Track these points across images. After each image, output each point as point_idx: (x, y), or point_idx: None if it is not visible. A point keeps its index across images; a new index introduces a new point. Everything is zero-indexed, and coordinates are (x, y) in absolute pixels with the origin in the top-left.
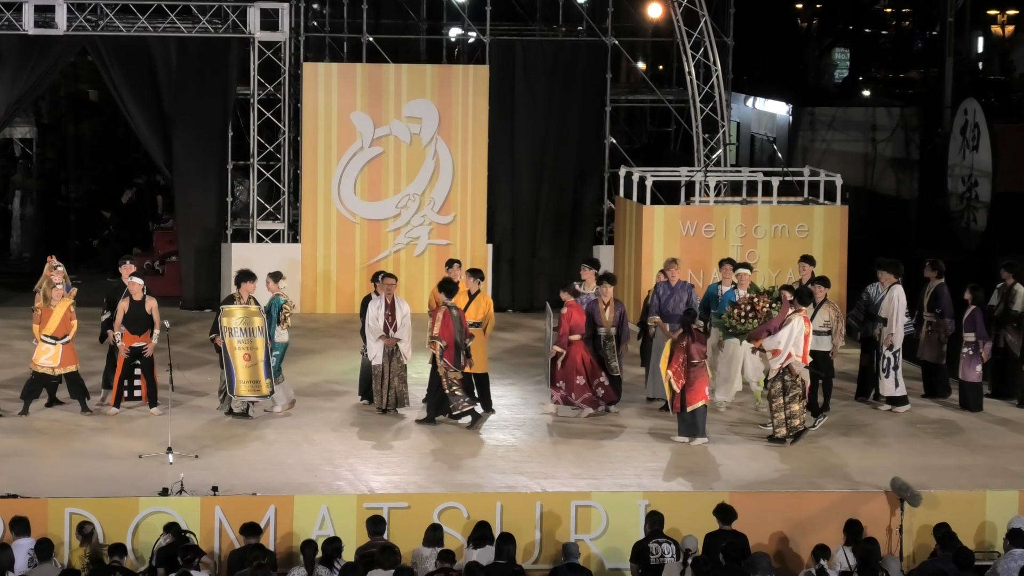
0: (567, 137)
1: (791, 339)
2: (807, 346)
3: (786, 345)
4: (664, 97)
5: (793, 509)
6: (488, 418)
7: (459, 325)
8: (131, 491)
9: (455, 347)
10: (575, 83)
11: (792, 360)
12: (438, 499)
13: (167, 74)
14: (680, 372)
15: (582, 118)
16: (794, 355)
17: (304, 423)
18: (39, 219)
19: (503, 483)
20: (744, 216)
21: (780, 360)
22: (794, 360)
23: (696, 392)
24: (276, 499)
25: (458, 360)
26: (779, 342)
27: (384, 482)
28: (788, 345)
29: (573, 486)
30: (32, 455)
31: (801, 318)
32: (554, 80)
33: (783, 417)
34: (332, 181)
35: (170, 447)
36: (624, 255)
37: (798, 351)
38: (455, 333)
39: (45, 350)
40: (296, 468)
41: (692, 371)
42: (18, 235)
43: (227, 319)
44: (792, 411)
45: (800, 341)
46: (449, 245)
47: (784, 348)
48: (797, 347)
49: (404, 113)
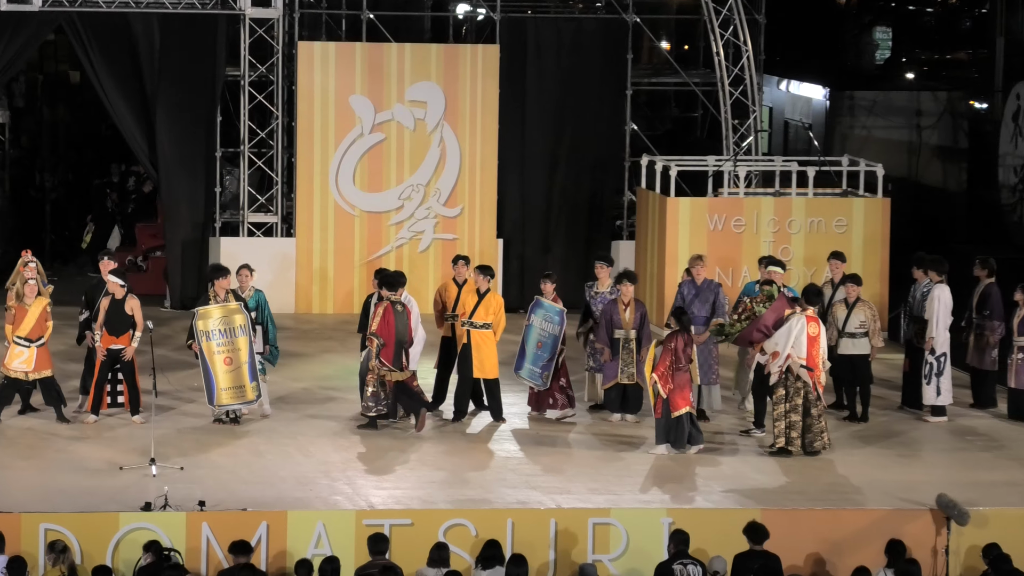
0: (584, 123)
1: (790, 340)
2: (814, 348)
3: (784, 346)
4: (690, 80)
5: (830, 528)
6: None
7: (403, 323)
8: (111, 505)
9: (396, 346)
10: (593, 64)
11: (791, 362)
12: (444, 515)
13: (150, 54)
14: (667, 376)
15: (600, 102)
16: (793, 356)
17: (298, 433)
18: (11, 211)
19: (514, 498)
20: (777, 209)
21: (779, 363)
22: (793, 361)
23: (681, 398)
24: (268, 515)
25: (398, 361)
26: (776, 343)
27: (385, 497)
28: (787, 347)
29: (590, 502)
30: (3, 467)
31: (804, 318)
32: (570, 61)
33: (783, 427)
34: (329, 170)
35: (153, 458)
36: (646, 251)
37: (800, 353)
38: (396, 331)
39: (18, 353)
40: (290, 481)
41: (678, 375)
42: None
43: (203, 322)
44: (791, 421)
45: (802, 342)
46: (456, 240)
47: (783, 350)
48: (799, 349)
49: (407, 97)
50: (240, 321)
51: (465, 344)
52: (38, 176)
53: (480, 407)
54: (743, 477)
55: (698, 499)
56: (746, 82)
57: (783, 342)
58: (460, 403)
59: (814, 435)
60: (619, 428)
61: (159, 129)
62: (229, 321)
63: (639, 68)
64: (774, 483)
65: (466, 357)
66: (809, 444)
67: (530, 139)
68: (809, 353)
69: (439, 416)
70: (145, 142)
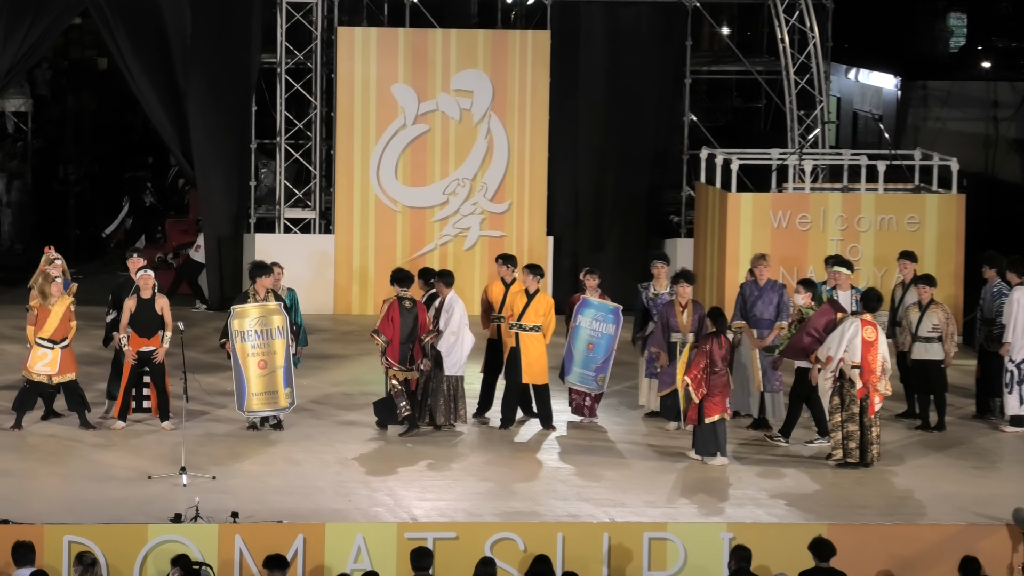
0: (640, 114)
1: (842, 344)
2: (870, 354)
3: (837, 351)
4: (752, 68)
5: (900, 544)
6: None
7: (410, 320)
8: (139, 517)
9: (402, 344)
10: (649, 51)
11: (843, 366)
12: (491, 529)
13: (180, 39)
14: (700, 380)
15: (657, 92)
16: (846, 360)
17: (337, 440)
18: (32, 205)
19: (565, 511)
20: (845, 206)
21: (831, 368)
22: (845, 365)
23: (715, 403)
24: (305, 527)
25: (405, 359)
26: (829, 348)
27: (429, 509)
28: (839, 351)
29: (646, 515)
30: (25, 475)
31: (859, 321)
32: (625, 48)
33: (840, 437)
34: (370, 163)
35: (183, 467)
36: (705, 250)
37: (853, 358)
38: (403, 329)
39: (41, 355)
40: (328, 492)
41: (712, 379)
42: (8, 223)
43: (239, 321)
44: (849, 431)
45: (856, 346)
46: (503, 237)
47: (836, 354)
48: (852, 353)
49: (453, 86)
50: (278, 323)
51: (513, 348)
52: (62, 168)
53: (529, 414)
54: (808, 490)
55: (760, 513)
56: (812, 70)
57: (835, 346)
58: (507, 410)
59: (866, 444)
60: (676, 437)
61: (191, 119)
62: (267, 322)
63: (699, 55)
64: (841, 496)
65: (514, 362)
66: (863, 454)
67: (582, 130)
68: (864, 359)
69: (485, 424)
70: (176, 133)
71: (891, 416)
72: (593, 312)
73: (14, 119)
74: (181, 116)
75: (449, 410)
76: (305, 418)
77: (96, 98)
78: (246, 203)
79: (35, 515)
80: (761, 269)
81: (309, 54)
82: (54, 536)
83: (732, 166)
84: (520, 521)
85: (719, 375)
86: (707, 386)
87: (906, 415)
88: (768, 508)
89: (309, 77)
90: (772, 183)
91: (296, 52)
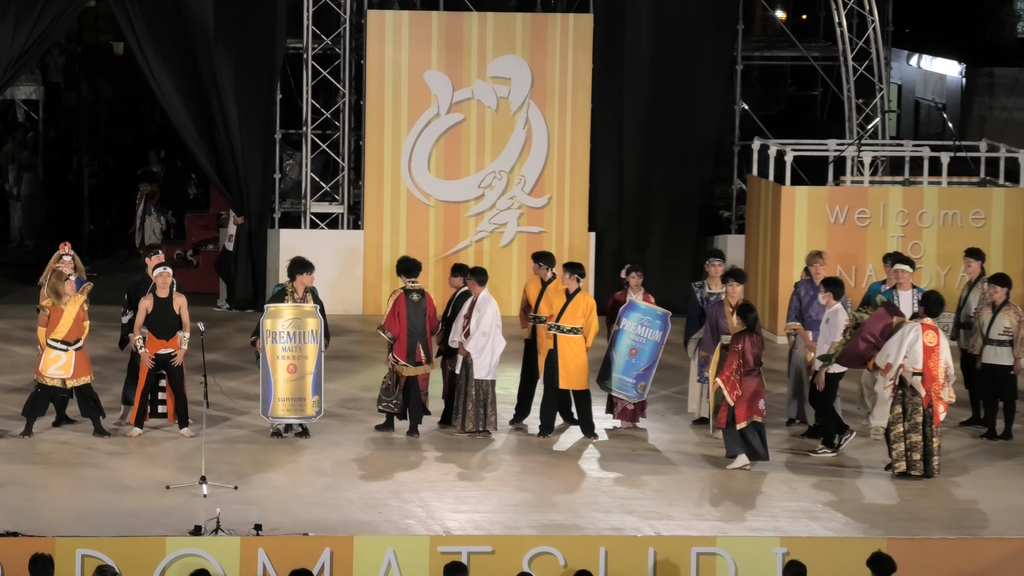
0: (688, 102)
1: (902, 349)
2: (931, 360)
3: (896, 358)
4: (808, 53)
5: (965, 559)
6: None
7: (417, 313)
8: (156, 529)
9: (410, 339)
10: (699, 36)
11: (903, 372)
12: (529, 543)
13: (201, 23)
14: (734, 381)
15: (706, 79)
16: (907, 367)
17: (366, 448)
18: (44, 199)
19: (608, 524)
20: (907, 200)
21: (891, 375)
22: (905, 371)
23: (748, 407)
24: (332, 540)
25: (412, 355)
26: (887, 355)
27: (463, 521)
28: (899, 357)
29: (694, 529)
30: (36, 485)
31: (919, 326)
32: (673, 32)
33: (902, 448)
34: (401, 155)
35: (204, 476)
36: (757, 247)
37: (914, 363)
38: (410, 323)
39: (54, 358)
40: (356, 503)
41: (746, 381)
42: (18, 218)
43: (272, 320)
44: (912, 442)
45: (916, 352)
46: (542, 234)
47: (895, 361)
48: (913, 359)
49: (489, 72)
50: (312, 326)
51: (551, 351)
52: (75, 159)
53: (569, 421)
54: (866, 502)
55: (816, 527)
56: (872, 56)
57: (894, 352)
58: (546, 416)
59: (928, 455)
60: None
61: (213, 109)
62: (301, 324)
63: (751, 40)
64: (901, 509)
65: (552, 365)
66: (927, 465)
67: (627, 120)
68: (926, 365)
69: (523, 431)
70: (194, 124)
71: (954, 424)
72: (639, 316)
73: (25, 108)
74: (201, 105)
75: (479, 416)
76: (333, 424)
77: (112, 85)
78: (270, 197)
79: (46, 527)
80: (817, 268)
81: (337, 39)
82: (66, 549)
83: (786, 158)
84: (560, 535)
85: (752, 376)
86: (741, 387)
87: (970, 422)
88: (824, 521)
89: (337, 63)
90: (829, 176)
91: (324, 37)
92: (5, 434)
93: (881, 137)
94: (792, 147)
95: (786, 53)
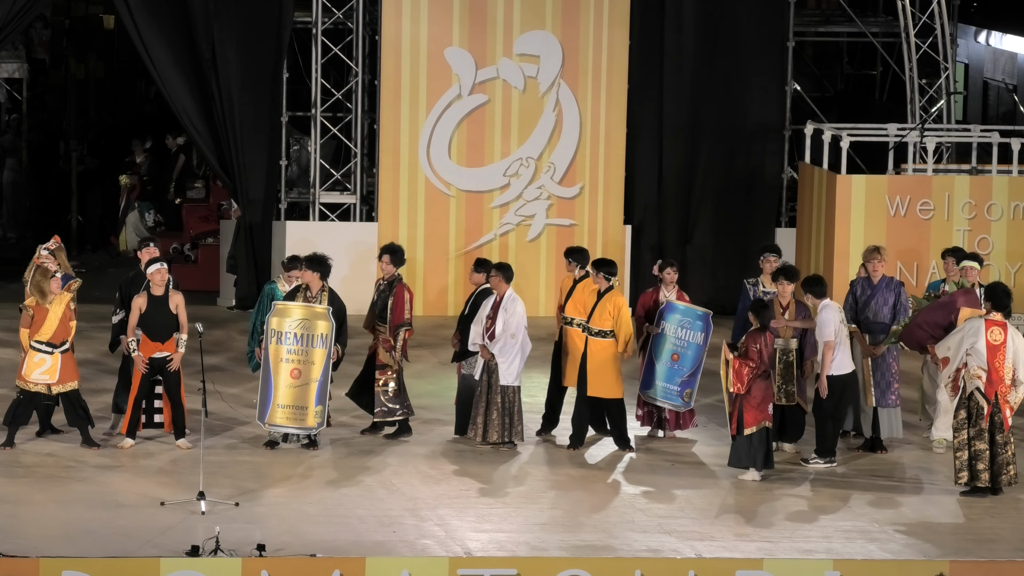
0: (735, 83)
1: (962, 346)
2: (997, 359)
3: (957, 354)
4: (867, 29)
5: None
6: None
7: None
8: (150, 550)
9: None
10: (746, 10)
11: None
12: (557, 565)
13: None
14: (745, 377)
15: (755, 57)
16: (971, 367)
17: (380, 461)
18: (28, 186)
19: (644, 545)
20: (974, 190)
21: (948, 372)
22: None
23: (756, 411)
24: (342, 562)
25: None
26: (948, 348)
27: (485, 541)
28: (959, 354)
29: (738, 551)
30: (19, 501)
31: (983, 321)
32: (718, 6)
33: (966, 457)
34: (419, 140)
35: (202, 492)
36: (810, 241)
37: (979, 363)
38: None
39: (38, 361)
40: (369, 521)
41: (758, 383)
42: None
43: (278, 319)
44: (977, 450)
45: (979, 350)
46: (574, 227)
47: (954, 357)
48: (977, 358)
49: (516, 50)
50: (322, 329)
51: (582, 355)
52: (63, 143)
53: (602, 432)
54: (928, 520)
55: (872, 548)
56: (936, 33)
57: (954, 347)
58: (577, 426)
59: (999, 467)
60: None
61: (212, 88)
62: (310, 326)
63: (804, 15)
64: (966, 529)
65: (582, 371)
66: (994, 477)
67: (667, 102)
68: (991, 365)
69: (551, 442)
70: (194, 104)
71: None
72: (679, 318)
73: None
74: (201, 84)
75: (503, 425)
76: (343, 435)
77: (103, 62)
78: (276, 186)
79: (30, 547)
80: (875, 264)
81: (350, 12)
82: (51, 571)
83: (842, 144)
84: (592, 556)
85: (764, 378)
86: (753, 390)
87: None
88: (881, 542)
89: (350, 39)
90: (889, 164)
91: (335, 10)
92: None
93: (946, 121)
94: (849, 132)
95: (843, 29)
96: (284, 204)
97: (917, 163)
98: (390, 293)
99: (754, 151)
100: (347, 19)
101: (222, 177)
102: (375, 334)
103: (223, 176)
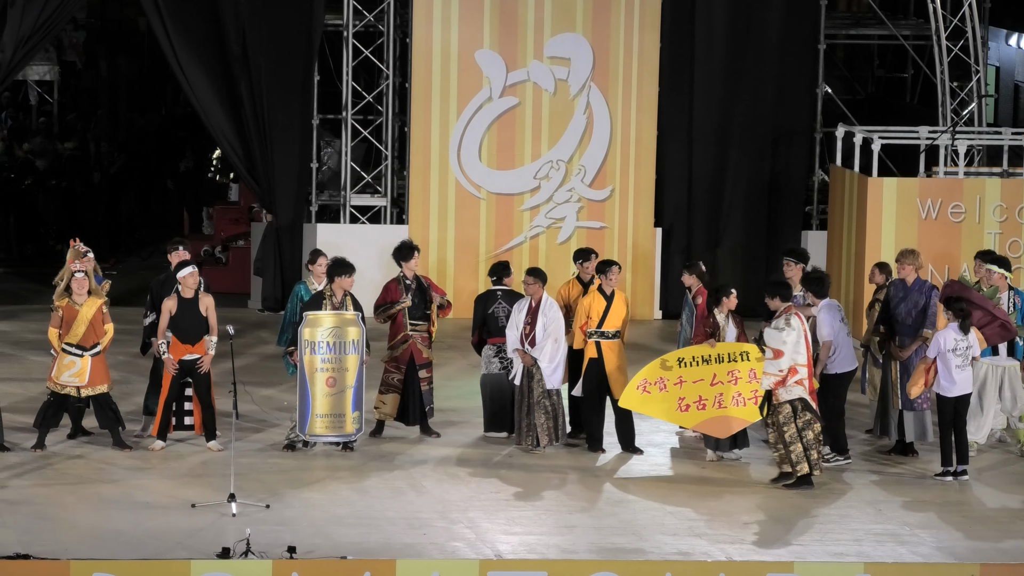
0: (765, 85)
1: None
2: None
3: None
4: (898, 32)
5: None
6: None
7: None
8: (180, 552)
9: None
10: (777, 13)
11: None
12: (588, 568)
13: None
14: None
15: (786, 60)
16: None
17: (409, 463)
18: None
19: (674, 548)
20: (1005, 193)
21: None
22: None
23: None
24: (372, 564)
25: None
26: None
27: (515, 544)
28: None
29: (769, 554)
30: (49, 503)
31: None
32: (749, 9)
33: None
34: (450, 143)
35: (233, 494)
36: (840, 244)
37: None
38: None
39: (68, 364)
40: (399, 523)
41: None
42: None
43: (310, 330)
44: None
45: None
46: (604, 229)
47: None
48: None
49: (547, 52)
50: (354, 335)
51: (593, 359)
52: (93, 145)
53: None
54: (959, 523)
55: (903, 551)
56: (968, 35)
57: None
58: (591, 429)
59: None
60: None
61: (243, 91)
62: (341, 333)
63: (835, 17)
64: (998, 532)
65: (598, 376)
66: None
67: (698, 105)
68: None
69: (580, 445)
70: (221, 108)
71: None
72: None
73: (37, 89)
74: (231, 88)
75: (549, 428)
76: (373, 438)
77: (135, 65)
78: (307, 188)
79: (60, 549)
80: (907, 267)
81: (381, 15)
82: (82, 573)
83: (873, 146)
84: (622, 559)
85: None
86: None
87: None
88: (912, 545)
89: (380, 42)
90: (920, 167)
91: (366, 13)
92: (15, 447)
93: (977, 124)
94: (880, 134)
95: (874, 31)
96: (315, 206)
97: (948, 166)
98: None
99: (783, 154)
100: (378, 22)
101: (249, 182)
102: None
103: (250, 181)
